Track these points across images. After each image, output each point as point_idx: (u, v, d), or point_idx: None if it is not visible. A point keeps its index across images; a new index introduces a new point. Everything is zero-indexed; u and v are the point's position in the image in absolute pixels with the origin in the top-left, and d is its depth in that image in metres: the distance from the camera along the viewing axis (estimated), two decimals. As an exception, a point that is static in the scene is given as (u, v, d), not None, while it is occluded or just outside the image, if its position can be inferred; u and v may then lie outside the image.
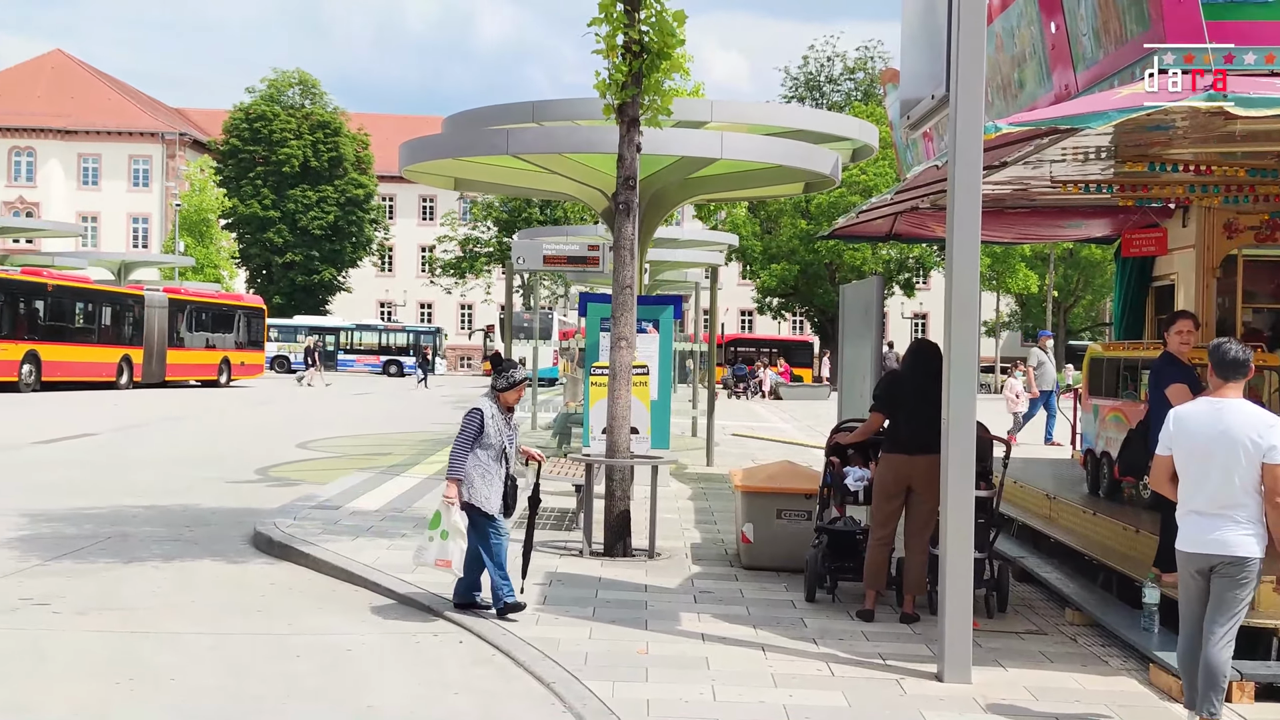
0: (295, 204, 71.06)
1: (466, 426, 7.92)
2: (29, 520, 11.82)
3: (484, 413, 7.93)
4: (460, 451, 7.90)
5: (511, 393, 8.09)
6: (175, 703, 6.20)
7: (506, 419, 8.07)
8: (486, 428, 7.90)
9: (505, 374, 8.07)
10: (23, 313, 34.34)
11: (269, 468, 17.18)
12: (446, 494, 7.81)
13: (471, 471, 7.87)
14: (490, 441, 7.91)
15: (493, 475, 7.92)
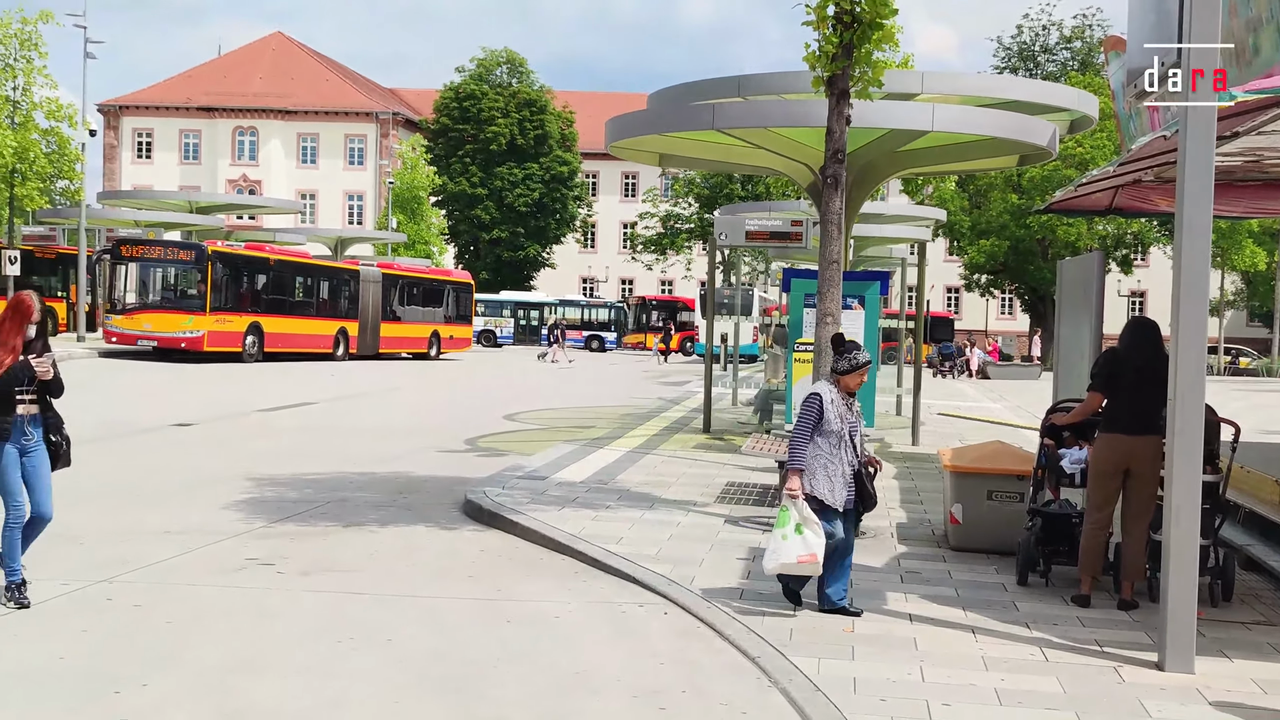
0: (502, 181, 72.58)
1: (805, 413, 7.42)
2: (254, 484, 12.38)
3: (823, 398, 7.42)
4: (800, 439, 7.37)
5: (853, 376, 7.50)
6: (393, 662, 6.41)
7: (848, 404, 7.52)
8: (826, 413, 7.36)
9: (847, 356, 7.50)
10: (246, 286, 35.96)
11: (477, 438, 17.62)
12: (789, 487, 7.32)
13: (812, 461, 7.36)
14: (831, 428, 7.37)
15: (835, 465, 7.38)
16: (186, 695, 5.74)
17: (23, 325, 7.03)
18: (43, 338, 7.19)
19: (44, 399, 7.21)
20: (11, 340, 6.97)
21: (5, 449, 6.99)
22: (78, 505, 10.85)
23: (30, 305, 7.06)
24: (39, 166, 34.39)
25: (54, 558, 8.59)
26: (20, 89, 34.06)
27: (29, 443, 7.10)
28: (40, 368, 7.00)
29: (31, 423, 7.11)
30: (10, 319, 7.02)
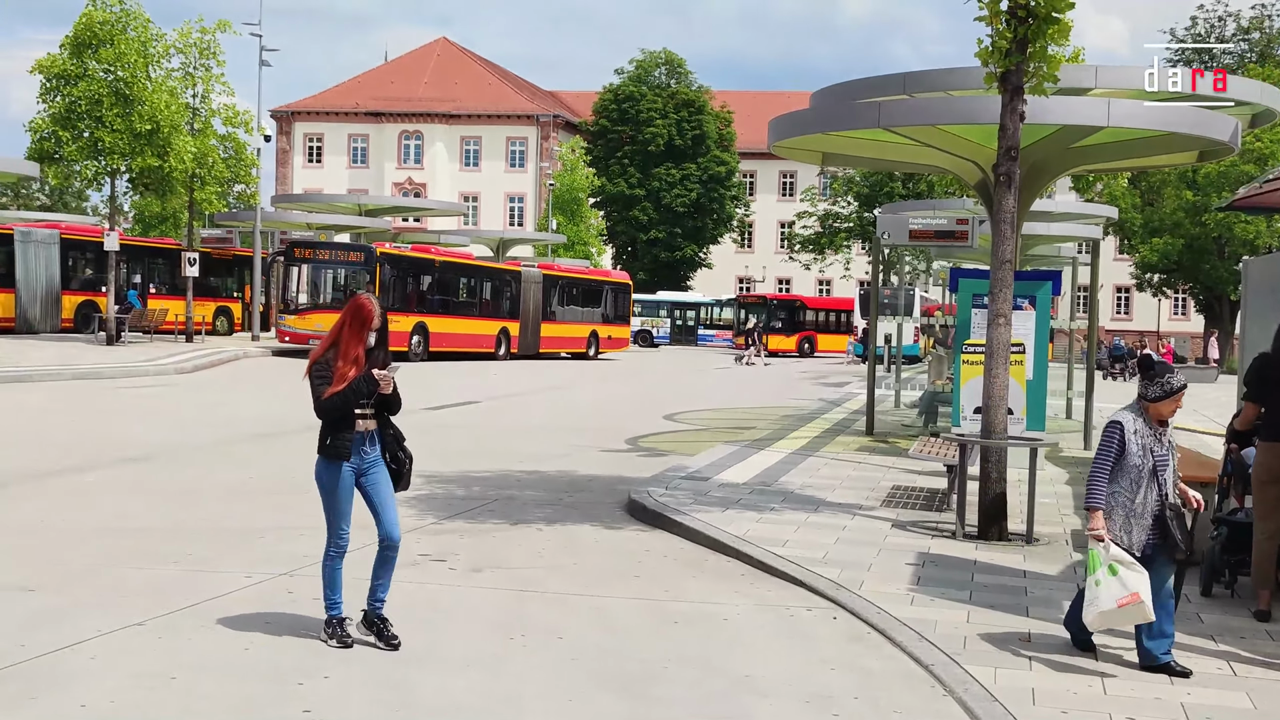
0: (660, 182, 72.86)
1: (1104, 445, 6.62)
2: (423, 481, 12.60)
3: (1124, 428, 6.58)
4: (1098, 475, 6.56)
5: (1166, 403, 6.62)
6: (565, 660, 6.46)
7: (1157, 435, 6.63)
8: (1128, 445, 6.55)
9: (1159, 380, 6.60)
10: (412, 287, 36.80)
11: (638, 438, 17.70)
12: (1091, 527, 6.54)
13: (1111, 499, 6.58)
14: (1133, 462, 6.54)
15: (1136, 505, 6.53)
16: (364, 687, 5.88)
17: (364, 333, 6.36)
18: (383, 346, 6.50)
19: (382, 414, 6.57)
20: (354, 351, 6.33)
21: (341, 469, 6.42)
22: (255, 500, 11.24)
23: (370, 311, 6.38)
24: (217, 171, 35.62)
25: (238, 551, 8.91)
26: (200, 96, 35.32)
27: (366, 461, 6.50)
28: (382, 381, 6.33)
29: (370, 440, 6.50)
30: (350, 326, 6.36)
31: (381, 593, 6.63)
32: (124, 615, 6.91)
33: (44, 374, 23.62)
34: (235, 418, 18.46)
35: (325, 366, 6.33)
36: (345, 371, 6.30)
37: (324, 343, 6.41)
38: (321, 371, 6.33)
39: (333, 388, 6.26)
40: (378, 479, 6.55)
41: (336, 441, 6.37)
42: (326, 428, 6.39)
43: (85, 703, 5.46)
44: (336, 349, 6.34)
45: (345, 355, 6.32)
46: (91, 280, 36.76)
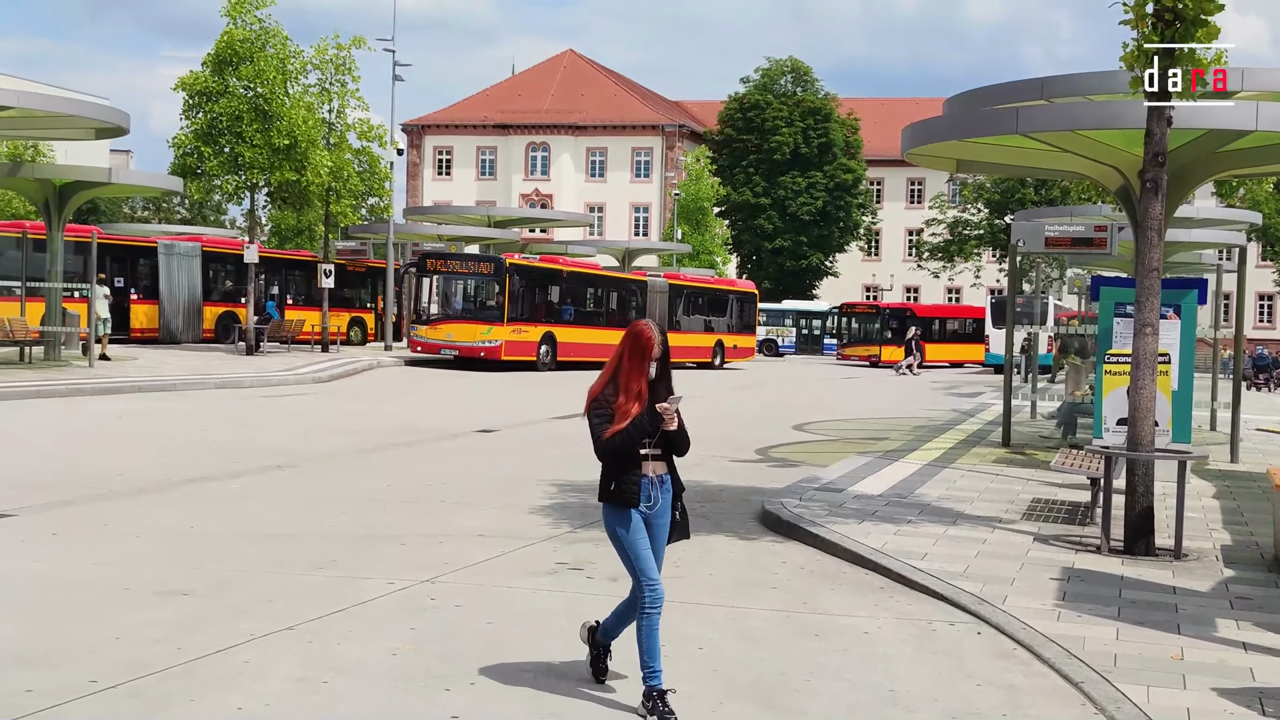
0: (785, 190, 72.57)
1: None
2: (556, 489, 12.75)
3: None
4: None
5: None
6: (706, 671, 6.46)
7: None
8: None
9: None
10: (541, 298, 37.17)
11: (768, 448, 17.63)
12: None
13: None
14: None
15: None
16: (509, 695, 5.94)
17: (645, 364, 5.75)
18: (666, 378, 5.86)
19: (669, 455, 5.94)
20: (635, 384, 5.73)
21: (630, 515, 5.77)
22: (398, 507, 11.45)
23: (650, 339, 5.75)
24: (352, 184, 36.49)
25: (380, 557, 9.07)
26: (335, 111, 36.26)
27: (655, 509, 5.85)
28: (666, 415, 5.71)
29: (659, 485, 5.86)
30: (630, 357, 5.76)
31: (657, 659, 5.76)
32: (274, 620, 7.09)
33: (187, 383, 24.36)
34: (372, 426, 18.82)
35: (604, 403, 5.75)
36: (627, 408, 5.70)
37: (602, 377, 5.83)
38: (601, 409, 5.74)
39: (614, 425, 5.68)
40: (659, 530, 5.91)
41: (622, 486, 5.76)
42: (610, 471, 5.80)
43: (242, 705, 5.61)
44: (615, 383, 5.75)
45: (626, 389, 5.72)
46: (231, 292, 37.86)
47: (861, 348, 57.74)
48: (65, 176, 27.46)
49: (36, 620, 6.96)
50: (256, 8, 33.00)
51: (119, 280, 34.56)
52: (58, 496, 11.39)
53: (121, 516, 10.57)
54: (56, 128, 28.11)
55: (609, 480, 5.81)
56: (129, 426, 17.71)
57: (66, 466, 13.35)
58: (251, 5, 32.93)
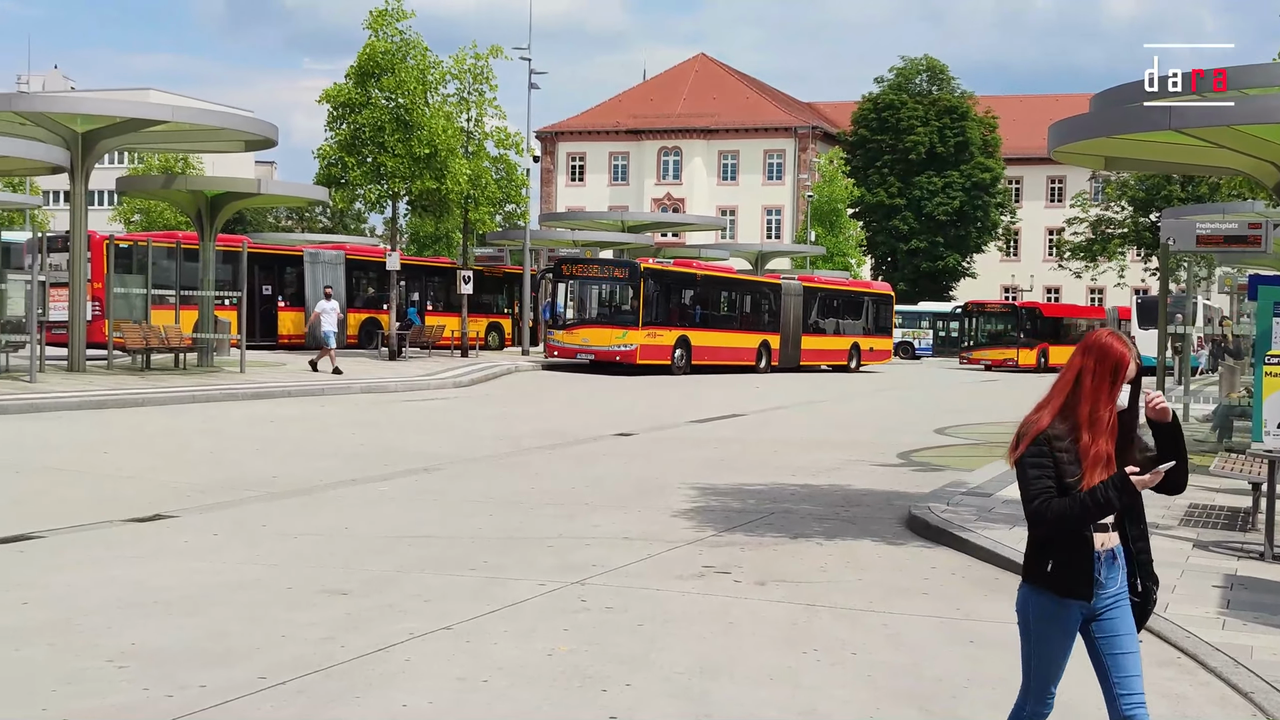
0: (921, 191, 71.61)
1: None
2: (698, 493, 12.77)
3: None
4: None
5: None
6: (860, 677, 6.41)
7: None
8: None
9: None
10: (675, 302, 37.26)
11: (910, 452, 17.42)
12: None
13: None
14: None
15: None
16: (664, 697, 5.97)
17: (1116, 389, 4.07)
18: (1135, 410, 4.13)
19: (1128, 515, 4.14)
20: (1103, 413, 4.06)
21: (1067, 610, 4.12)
22: (543, 509, 11.58)
23: (1124, 354, 4.07)
24: (490, 192, 37.03)
25: (529, 559, 9.19)
26: (473, 120, 36.82)
27: (1104, 597, 4.12)
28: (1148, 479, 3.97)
29: (1110, 563, 4.11)
30: (1096, 376, 4.09)
31: None
32: (431, 619, 7.23)
33: (334, 388, 24.97)
34: (513, 430, 19.07)
35: (1048, 445, 4.04)
36: (1094, 447, 4.02)
37: (1044, 406, 4.18)
38: (1041, 455, 4.03)
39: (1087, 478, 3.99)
40: (1117, 623, 4.14)
41: (1065, 569, 4.07)
42: (1043, 545, 4.13)
43: (406, 703, 5.74)
44: (1071, 416, 4.07)
45: (1091, 423, 4.05)
46: (374, 298, 38.69)
47: (992, 350, 52.61)
48: (217, 188, 28.38)
49: (206, 619, 7.20)
50: (397, 20, 33.72)
51: (266, 288, 35.60)
52: (216, 499, 11.76)
53: (277, 518, 10.88)
54: (208, 141, 29.09)
55: (1044, 556, 4.12)
56: (280, 430, 18.21)
57: (222, 469, 13.80)
58: (392, 17, 33.65)
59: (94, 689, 5.81)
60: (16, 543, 9.46)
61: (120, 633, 6.80)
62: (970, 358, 53.19)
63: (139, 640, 6.67)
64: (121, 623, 7.02)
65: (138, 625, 6.98)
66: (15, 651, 6.41)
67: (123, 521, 10.47)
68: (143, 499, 11.56)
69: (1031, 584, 4.21)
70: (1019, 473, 4.12)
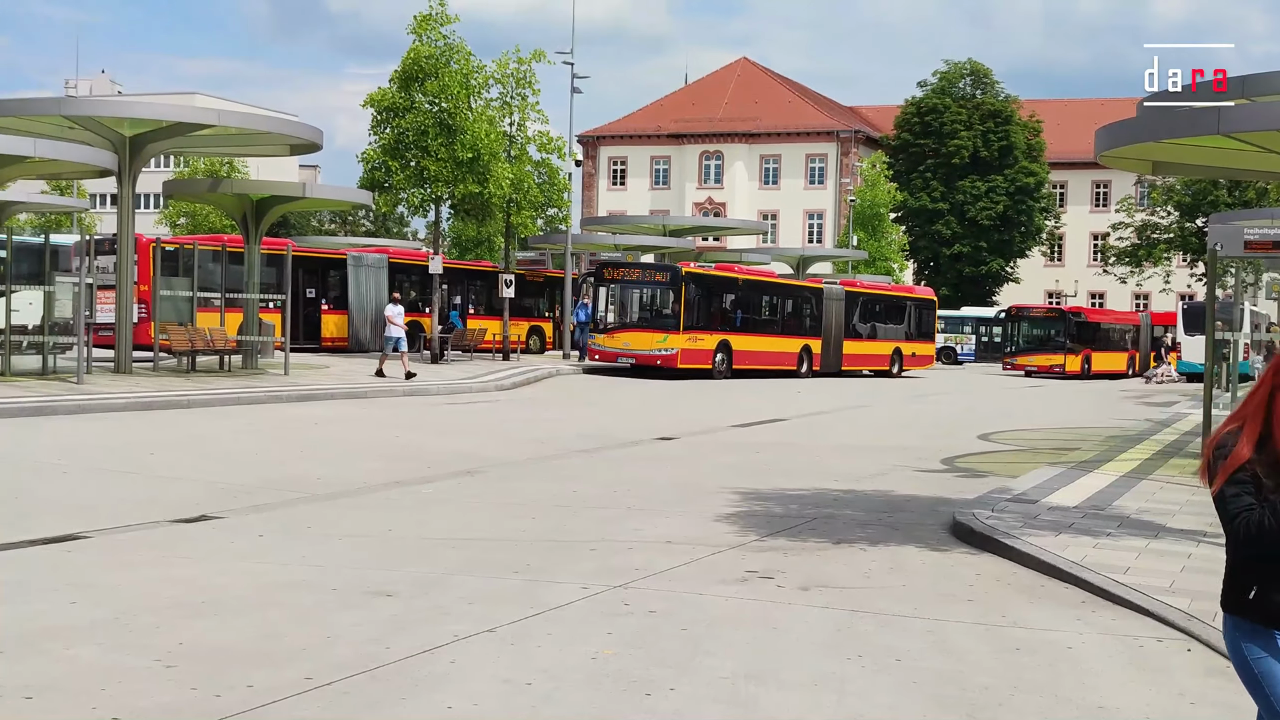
0: (964, 195, 71.25)
1: None
2: (740, 498, 12.75)
3: None
4: None
5: None
6: (906, 683, 6.37)
7: None
8: None
9: None
10: (716, 306, 37.22)
11: (954, 458, 17.31)
12: None
13: None
14: None
15: None
16: (710, 701, 5.95)
17: None
18: None
19: None
20: None
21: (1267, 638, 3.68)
22: (586, 513, 11.59)
23: None
24: (532, 196, 37.09)
25: (572, 562, 9.20)
26: (516, 124, 36.91)
27: None
28: None
29: None
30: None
31: None
32: (476, 621, 7.25)
33: (377, 390, 25.11)
34: (555, 433, 19.11)
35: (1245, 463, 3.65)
36: None
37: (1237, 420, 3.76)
38: (1242, 475, 3.64)
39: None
40: None
41: (1271, 595, 3.64)
42: (1250, 570, 3.69)
43: (451, 705, 5.75)
44: (1269, 442, 3.66)
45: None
46: (415, 302, 38.89)
47: (1037, 356, 51.23)
48: (262, 191, 28.62)
49: (253, 619, 7.25)
50: (441, 24, 33.84)
51: (310, 291, 35.85)
52: (261, 500, 11.85)
53: (322, 520, 10.95)
54: (253, 144, 29.35)
55: (1245, 581, 3.70)
56: (325, 432, 18.34)
57: (267, 471, 13.90)
58: (436, 22, 33.78)
59: (142, 688, 5.86)
60: (65, 542, 9.57)
61: (168, 632, 6.86)
62: (1014, 363, 52.00)
63: (187, 640, 6.72)
64: (169, 622, 7.08)
65: (186, 625, 7.04)
66: (65, 650, 6.47)
67: (169, 522, 10.56)
68: (189, 500, 11.67)
69: (1234, 614, 3.78)
70: (1219, 504, 3.70)
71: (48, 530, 9.95)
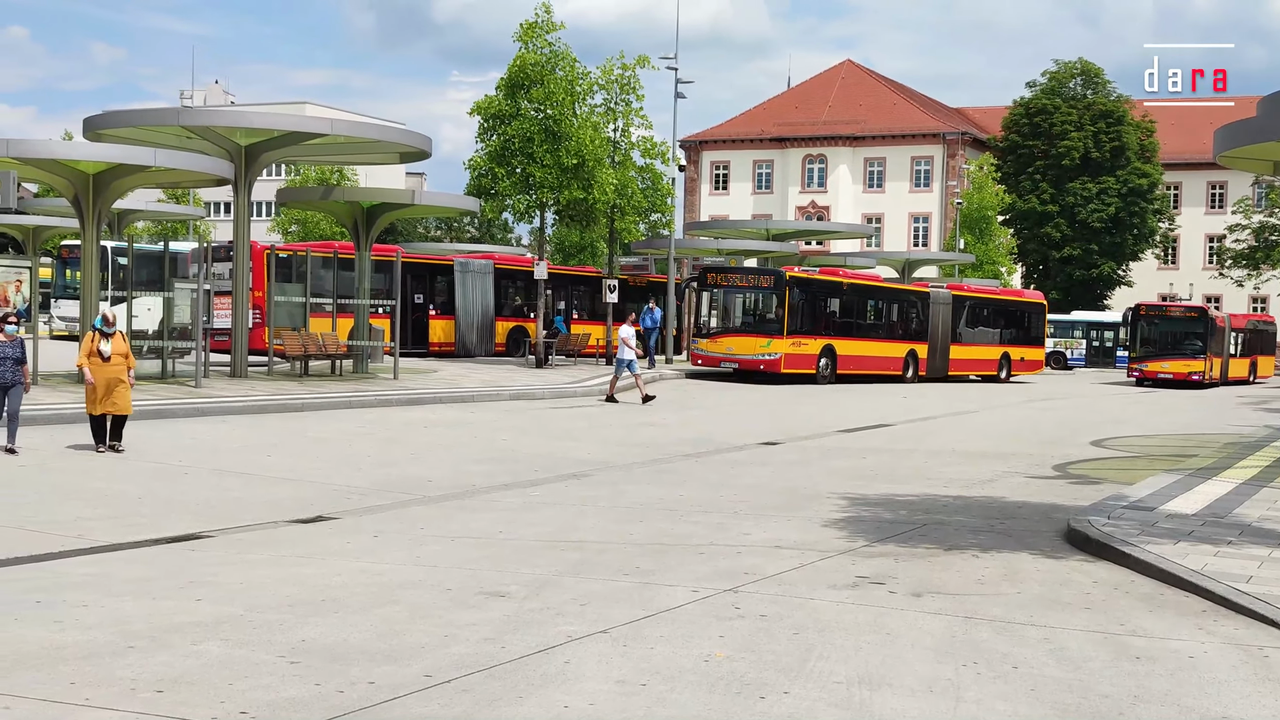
0: (1074, 197, 69.87)
1: None
2: (848, 503, 12.67)
3: None
4: None
5: None
6: (1024, 691, 6.28)
7: None
8: None
9: None
10: (820, 310, 36.99)
11: (1066, 464, 17.02)
12: None
13: None
14: None
15: None
16: (824, 705, 5.93)
17: None
18: None
19: None
20: None
21: None
22: (693, 517, 11.62)
23: None
24: (636, 201, 37.24)
25: (681, 565, 9.23)
26: (620, 130, 37.11)
27: None
28: None
29: None
30: None
31: None
32: (589, 623, 7.31)
33: (484, 394, 25.38)
34: (660, 438, 19.16)
35: None
36: None
37: None
38: None
39: None
40: None
41: None
42: None
43: (568, 704, 5.81)
44: None
45: None
46: (521, 307, 39.25)
47: (1172, 361, 45.38)
48: (373, 199, 29.11)
49: (373, 617, 7.39)
50: (547, 32, 34.12)
51: (418, 297, 36.36)
52: (375, 501, 12.08)
53: (434, 521, 11.13)
54: (364, 153, 29.85)
55: None
56: (433, 436, 18.59)
57: (380, 473, 14.14)
58: (542, 30, 34.06)
59: (268, 683, 6.01)
60: (188, 541, 9.85)
61: (292, 629, 7.03)
62: (1145, 370, 45.83)
63: (310, 637, 6.88)
64: (293, 620, 7.25)
65: (308, 622, 7.20)
66: (193, 645, 6.66)
67: (287, 522, 10.82)
68: (305, 500, 11.94)
69: None
70: None
71: (172, 529, 10.25)
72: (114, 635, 6.81)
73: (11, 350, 14.75)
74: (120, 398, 15.03)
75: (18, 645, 6.58)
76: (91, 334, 15.29)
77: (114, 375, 15.03)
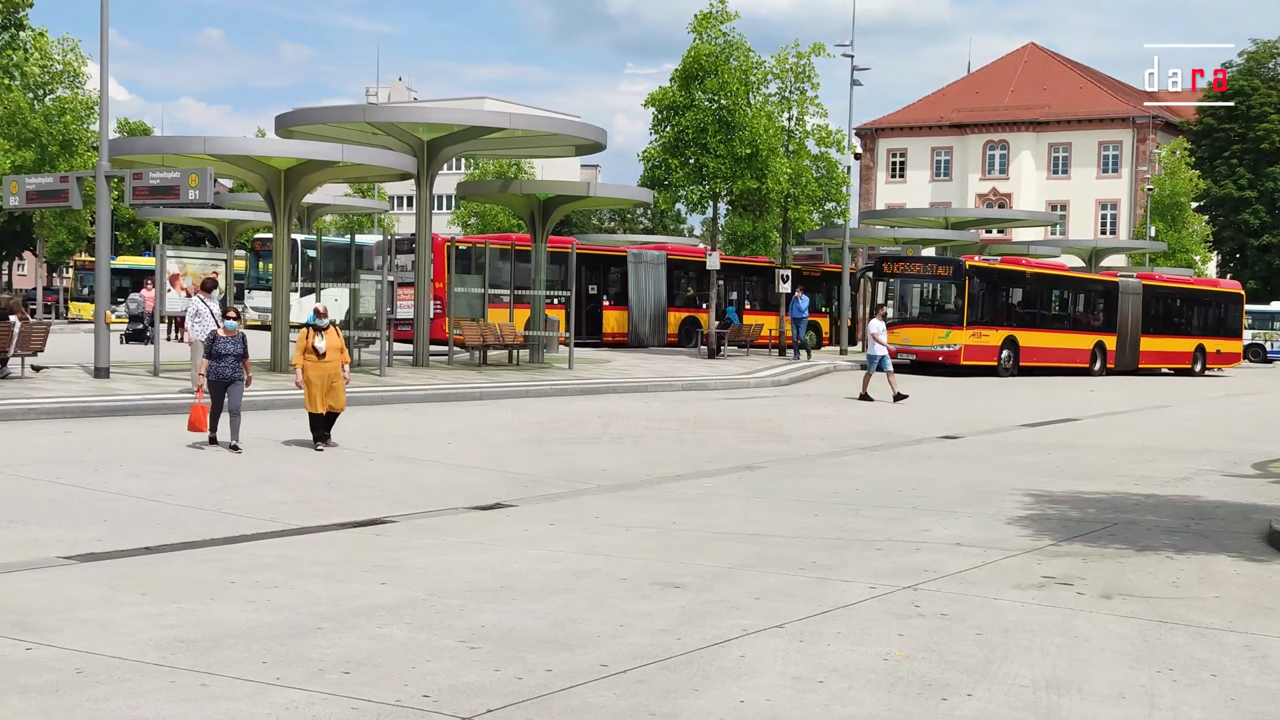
0: (1274, 182, 66.66)
1: None
2: (1031, 500, 12.30)
3: None
4: None
5: None
6: (1223, 701, 5.97)
7: None
8: None
9: None
10: (1002, 300, 36.08)
11: (1267, 462, 16.23)
12: None
13: None
14: None
15: None
16: (1009, 709, 5.74)
17: None
18: None
19: None
20: None
21: None
22: (870, 511, 11.43)
23: None
24: (810, 190, 36.90)
25: (858, 561, 9.08)
26: (795, 119, 36.79)
27: None
28: None
29: None
30: None
31: None
32: (763, 617, 7.24)
33: (656, 385, 25.47)
34: (834, 430, 18.94)
35: None
36: None
37: None
38: None
39: None
40: None
41: None
42: None
43: (744, 699, 5.75)
44: None
45: None
46: (693, 297, 39.29)
47: None
48: (549, 192, 29.46)
49: (549, 605, 7.46)
50: (721, 22, 34.01)
51: (592, 288, 36.71)
52: (551, 489, 12.22)
53: (608, 510, 11.18)
54: (540, 146, 30.21)
55: None
56: (607, 425, 18.63)
57: (554, 461, 14.30)
58: (716, 20, 33.97)
59: (449, 667, 6.10)
60: (373, 525, 10.11)
61: (471, 615, 7.13)
62: None
63: (489, 623, 6.97)
64: (472, 605, 7.35)
65: (487, 608, 7.30)
66: (378, 629, 6.81)
67: (467, 509, 11.01)
68: (484, 488, 12.14)
69: None
70: None
71: (358, 514, 10.54)
72: (303, 616, 7.01)
73: (233, 346, 14.31)
74: (337, 394, 14.56)
75: (216, 625, 6.83)
76: (306, 331, 14.69)
77: (331, 371, 14.52)
